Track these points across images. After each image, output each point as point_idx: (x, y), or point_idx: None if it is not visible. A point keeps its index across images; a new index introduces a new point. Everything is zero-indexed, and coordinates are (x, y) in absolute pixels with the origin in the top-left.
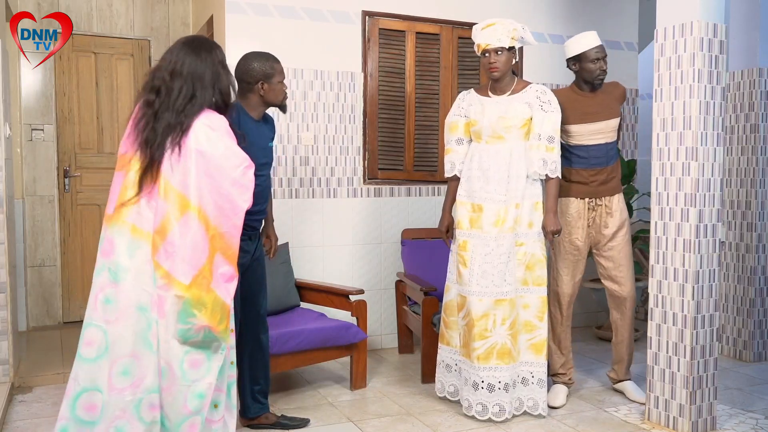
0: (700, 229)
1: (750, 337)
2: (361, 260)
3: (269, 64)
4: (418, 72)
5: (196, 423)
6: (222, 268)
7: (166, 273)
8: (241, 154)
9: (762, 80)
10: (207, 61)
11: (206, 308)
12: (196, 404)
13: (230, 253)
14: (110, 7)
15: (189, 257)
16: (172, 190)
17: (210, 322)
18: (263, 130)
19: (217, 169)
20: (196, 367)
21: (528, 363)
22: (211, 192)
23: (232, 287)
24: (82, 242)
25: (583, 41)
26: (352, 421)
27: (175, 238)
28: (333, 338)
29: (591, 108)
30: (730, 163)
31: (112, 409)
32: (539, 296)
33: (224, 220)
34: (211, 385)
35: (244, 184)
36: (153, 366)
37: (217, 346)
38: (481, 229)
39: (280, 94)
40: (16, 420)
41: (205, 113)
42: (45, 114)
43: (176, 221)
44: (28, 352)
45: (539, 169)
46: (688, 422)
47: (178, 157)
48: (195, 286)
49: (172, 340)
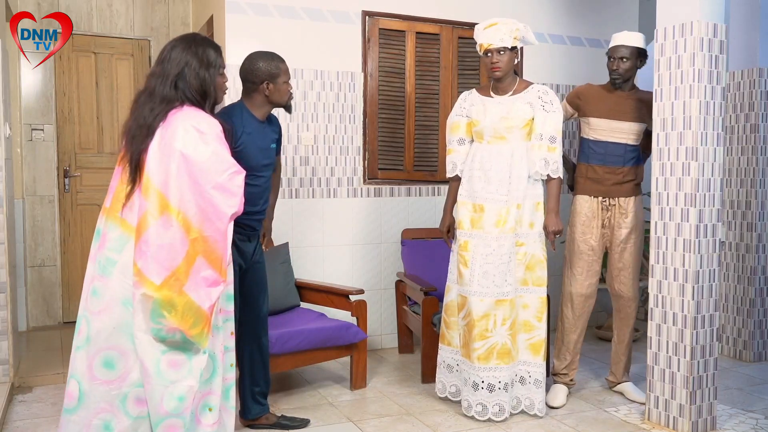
0: (700, 229)
1: (750, 337)
2: (361, 260)
3: (274, 63)
4: (418, 72)
5: (177, 426)
6: (204, 272)
7: (139, 271)
8: (229, 160)
9: (762, 80)
10: (180, 55)
11: (176, 311)
12: (174, 406)
13: (214, 257)
14: (110, 7)
15: (162, 258)
16: (153, 188)
17: (180, 325)
18: (267, 131)
19: (201, 173)
20: (176, 367)
21: (526, 363)
22: (194, 195)
23: (215, 292)
24: (82, 242)
25: (614, 38)
26: (352, 421)
27: (151, 237)
28: (333, 338)
29: (618, 106)
30: (730, 163)
31: (95, 400)
32: (539, 297)
33: (208, 224)
34: (192, 388)
35: (230, 189)
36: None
37: (197, 348)
38: (482, 229)
39: (285, 95)
40: (16, 420)
41: (188, 112)
42: (45, 114)
43: (154, 220)
44: (28, 352)
45: (541, 169)
46: (688, 422)
47: (161, 156)
48: (166, 287)
49: (144, 336)
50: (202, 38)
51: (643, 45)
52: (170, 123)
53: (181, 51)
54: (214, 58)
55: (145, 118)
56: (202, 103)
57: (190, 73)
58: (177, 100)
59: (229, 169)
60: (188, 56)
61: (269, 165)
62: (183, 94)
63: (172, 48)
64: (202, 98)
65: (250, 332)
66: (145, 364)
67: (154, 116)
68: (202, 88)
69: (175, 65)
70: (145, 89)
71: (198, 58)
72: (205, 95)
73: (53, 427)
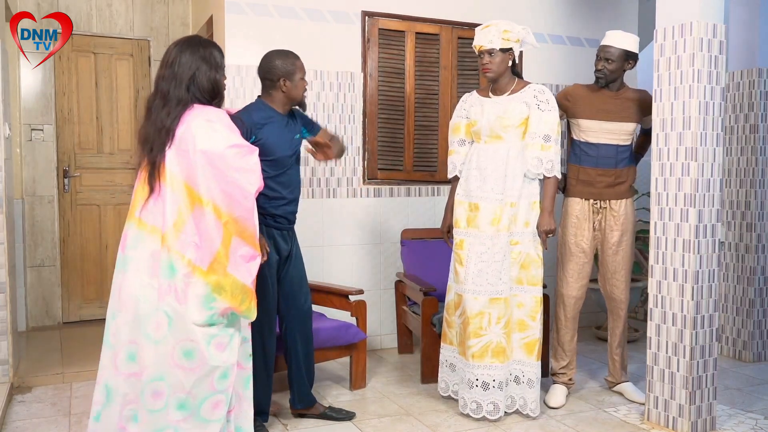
0: (699, 230)
1: (749, 338)
2: (360, 260)
3: (290, 60)
4: (418, 72)
5: (222, 401)
6: (241, 250)
7: (190, 261)
8: (241, 142)
9: (762, 80)
10: (190, 59)
11: (225, 291)
12: (222, 384)
13: (247, 234)
14: (110, 7)
15: (205, 246)
16: (180, 184)
17: (232, 303)
18: (290, 124)
19: (219, 159)
20: (221, 348)
21: (520, 362)
22: (219, 182)
23: (254, 266)
24: (82, 242)
25: (606, 37)
26: (351, 420)
27: (189, 228)
28: (333, 338)
29: (607, 106)
30: (730, 164)
31: (120, 393)
32: (533, 296)
33: (236, 206)
34: (233, 366)
35: (248, 168)
36: (154, 356)
37: (238, 325)
38: (477, 228)
39: (301, 90)
40: (15, 420)
41: (198, 109)
42: (45, 114)
43: (189, 213)
44: (28, 352)
45: (534, 167)
46: (687, 422)
47: (183, 153)
48: (212, 272)
49: (196, 323)
50: (205, 41)
51: (632, 48)
52: (184, 122)
53: (191, 55)
54: (220, 59)
55: (163, 121)
56: (211, 103)
57: (202, 76)
58: (189, 101)
59: (241, 149)
60: (198, 60)
61: (293, 156)
62: (194, 96)
63: (181, 52)
64: (211, 98)
65: (296, 326)
66: (201, 349)
67: (172, 119)
68: (213, 89)
69: (187, 69)
70: (157, 93)
71: (207, 62)
72: (214, 95)
73: (53, 427)
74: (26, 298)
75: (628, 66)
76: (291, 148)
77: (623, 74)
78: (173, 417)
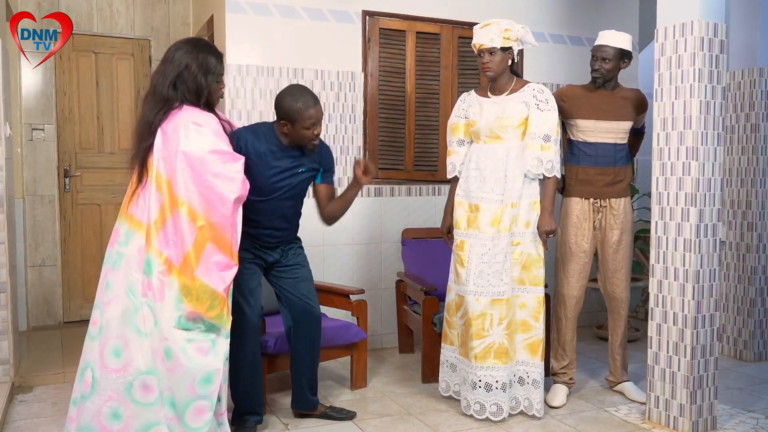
0: (700, 229)
1: (750, 337)
2: (361, 260)
3: (298, 108)
4: (419, 72)
5: (205, 407)
6: (215, 257)
7: (167, 259)
8: (225, 149)
9: (762, 80)
10: (182, 57)
11: (191, 295)
12: (203, 388)
13: (223, 242)
14: (110, 6)
15: (178, 245)
16: (164, 182)
17: (197, 309)
18: (294, 156)
19: (199, 162)
20: (203, 353)
21: (524, 363)
22: (197, 185)
23: (228, 275)
24: (83, 242)
25: (600, 37)
26: (352, 420)
27: (169, 227)
28: (333, 338)
29: (603, 106)
30: (731, 163)
31: (104, 388)
32: (535, 296)
33: (213, 211)
34: (218, 371)
35: (229, 175)
36: (143, 349)
37: (220, 332)
38: (478, 229)
39: (303, 140)
40: (16, 420)
41: (187, 110)
42: (45, 114)
43: (170, 212)
44: (29, 352)
45: (533, 168)
46: (688, 422)
47: (167, 153)
48: (182, 273)
49: (171, 323)
50: (206, 44)
51: (627, 47)
52: (171, 121)
53: (184, 54)
54: (214, 65)
55: (147, 116)
56: (198, 104)
57: (189, 75)
58: (176, 100)
59: (224, 156)
60: (189, 59)
61: (283, 189)
62: (182, 95)
63: (177, 49)
64: (197, 100)
65: (305, 331)
66: (175, 351)
67: (154, 114)
68: (198, 91)
69: (176, 66)
70: (150, 88)
71: (198, 63)
72: (199, 97)
73: (54, 427)
74: (27, 298)
75: (624, 64)
76: (283, 180)
77: (618, 73)
78: (166, 413)
